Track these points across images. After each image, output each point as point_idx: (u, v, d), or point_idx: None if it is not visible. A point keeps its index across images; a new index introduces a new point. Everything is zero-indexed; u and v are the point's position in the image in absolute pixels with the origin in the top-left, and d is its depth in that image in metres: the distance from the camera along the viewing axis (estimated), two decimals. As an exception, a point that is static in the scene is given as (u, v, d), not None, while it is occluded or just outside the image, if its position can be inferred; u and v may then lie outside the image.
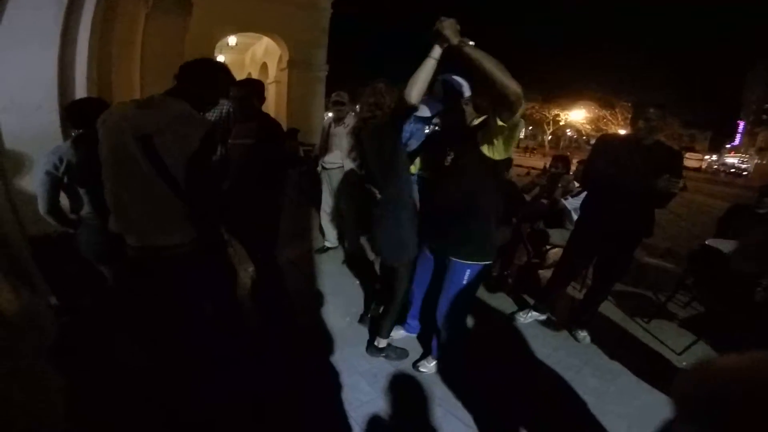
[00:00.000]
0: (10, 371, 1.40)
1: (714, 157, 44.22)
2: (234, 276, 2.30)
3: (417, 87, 1.53)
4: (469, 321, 2.76)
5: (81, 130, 1.88)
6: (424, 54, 1.52)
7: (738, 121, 48.90)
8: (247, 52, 14.96)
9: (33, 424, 1.43)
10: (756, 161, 36.76)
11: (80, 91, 2.42)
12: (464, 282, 1.91)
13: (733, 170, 35.49)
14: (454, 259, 1.90)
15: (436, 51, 1.49)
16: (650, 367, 2.38)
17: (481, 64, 1.40)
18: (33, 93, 2.30)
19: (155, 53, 4.69)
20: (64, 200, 1.90)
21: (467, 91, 1.78)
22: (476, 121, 1.82)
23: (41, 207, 1.82)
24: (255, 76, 14.63)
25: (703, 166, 36.38)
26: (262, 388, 1.95)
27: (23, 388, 1.48)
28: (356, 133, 2.09)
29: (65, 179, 1.82)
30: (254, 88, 2.32)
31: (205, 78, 1.64)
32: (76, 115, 1.89)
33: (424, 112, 1.79)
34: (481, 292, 3.19)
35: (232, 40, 11.54)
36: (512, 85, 1.41)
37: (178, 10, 4.93)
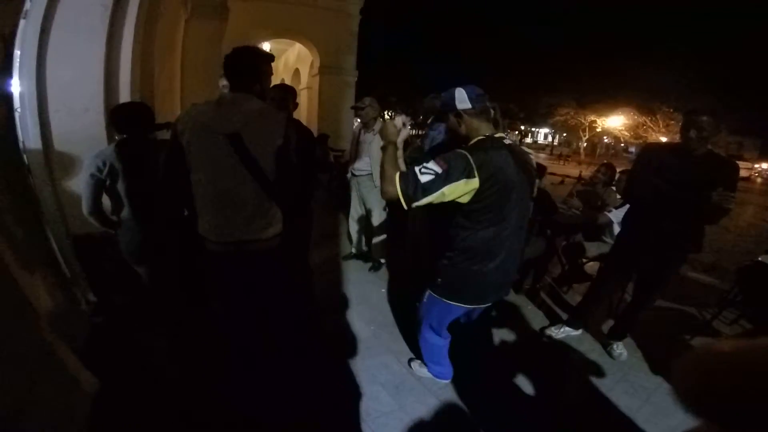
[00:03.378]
0: (41, 368, 1.46)
1: (765, 166, 41.30)
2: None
3: (387, 180, 1.52)
4: (498, 334, 2.68)
5: (124, 135, 1.97)
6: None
7: (788, 124, 45.48)
8: (280, 59, 15.34)
9: (63, 420, 1.48)
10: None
11: (124, 94, 2.51)
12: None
13: (787, 180, 32.97)
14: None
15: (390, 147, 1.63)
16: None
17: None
18: (81, 94, 2.38)
19: (194, 57, 4.88)
20: (106, 201, 1.98)
21: (461, 104, 1.60)
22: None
23: (84, 208, 1.91)
24: (288, 81, 14.97)
25: (753, 175, 34.03)
26: (281, 392, 1.95)
27: (55, 386, 1.53)
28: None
29: (108, 182, 1.90)
30: (289, 91, 2.37)
31: (259, 71, 1.66)
32: (121, 120, 1.96)
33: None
34: (511, 306, 3.09)
35: (266, 46, 11.86)
36: (383, 186, 1.55)
37: (215, 16, 5.09)
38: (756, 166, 38.38)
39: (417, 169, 1.49)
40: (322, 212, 5.45)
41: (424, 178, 1.46)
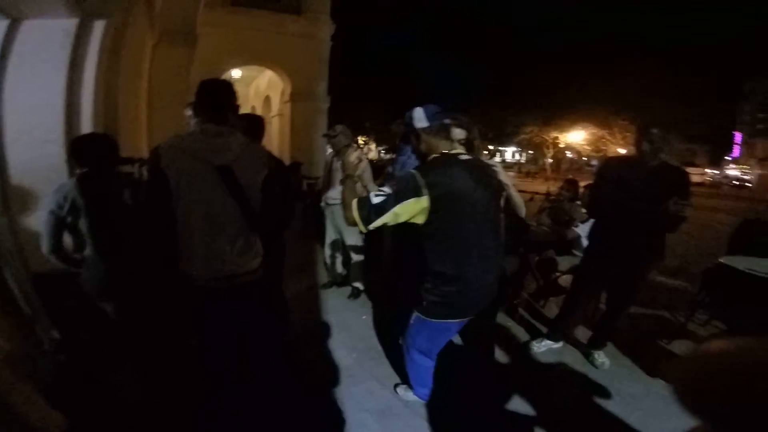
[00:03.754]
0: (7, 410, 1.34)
1: (715, 171, 44.19)
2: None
3: (347, 207, 1.65)
4: (483, 352, 2.66)
5: (86, 168, 1.87)
6: None
7: (734, 132, 49.18)
8: (251, 86, 15.33)
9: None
10: (758, 172, 36.61)
11: (86, 125, 2.39)
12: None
13: (736, 182, 35.34)
14: None
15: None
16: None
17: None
18: (41, 124, 2.26)
19: (161, 86, 4.74)
20: (68, 238, 1.87)
21: (419, 123, 1.65)
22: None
23: (44, 247, 1.79)
24: (259, 109, 14.94)
25: (705, 180, 36.28)
26: (264, 424, 1.88)
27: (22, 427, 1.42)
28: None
29: (69, 219, 1.79)
30: (257, 121, 2.33)
31: (231, 103, 1.64)
32: (82, 152, 1.87)
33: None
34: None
35: (236, 73, 11.84)
36: (344, 213, 1.71)
37: (183, 42, 5.00)
38: (707, 171, 40.93)
39: (372, 193, 1.58)
40: (297, 242, 5.38)
41: (376, 200, 1.54)
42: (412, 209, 1.53)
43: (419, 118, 1.65)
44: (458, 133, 1.79)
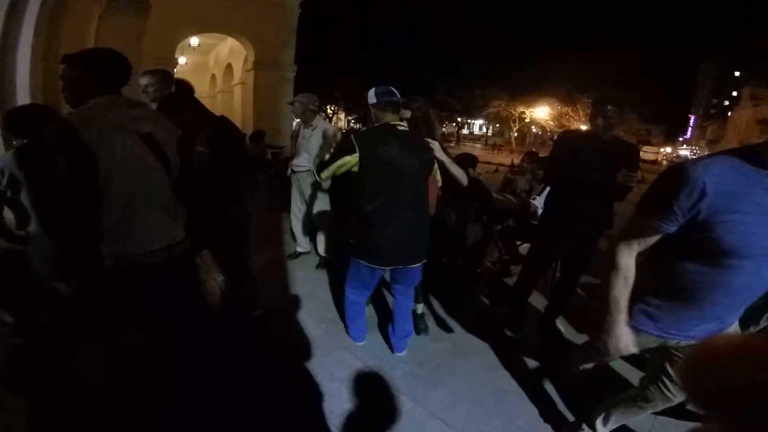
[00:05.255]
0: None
1: (669, 150, 46.77)
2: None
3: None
4: (446, 320, 2.79)
5: (25, 140, 1.75)
6: None
7: (689, 116, 52.04)
8: (210, 54, 14.49)
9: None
10: (706, 153, 39.08)
11: (23, 96, 2.22)
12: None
13: (685, 162, 37.58)
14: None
15: None
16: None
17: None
18: None
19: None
20: (10, 214, 1.75)
21: (370, 99, 2.05)
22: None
23: None
24: (219, 77, 14.22)
25: (659, 159, 38.37)
26: (236, 399, 1.89)
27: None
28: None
29: (8, 193, 1.68)
30: (188, 97, 2.19)
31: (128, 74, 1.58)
32: (18, 124, 1.76)
33: None
34: (457, 291, 3.22)
35: (194, 41, 11.16)
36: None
37: (134, 10, 4.70)
38: (661, 150, 43.23)
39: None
40: (263, 212, 5.28)
41: (326, 159, 2.05)
42: (349, 162, 1.94)
43: (371, 96, 2.03)
44: (404, 112, 2.26)
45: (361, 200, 2.01)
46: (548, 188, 3.16)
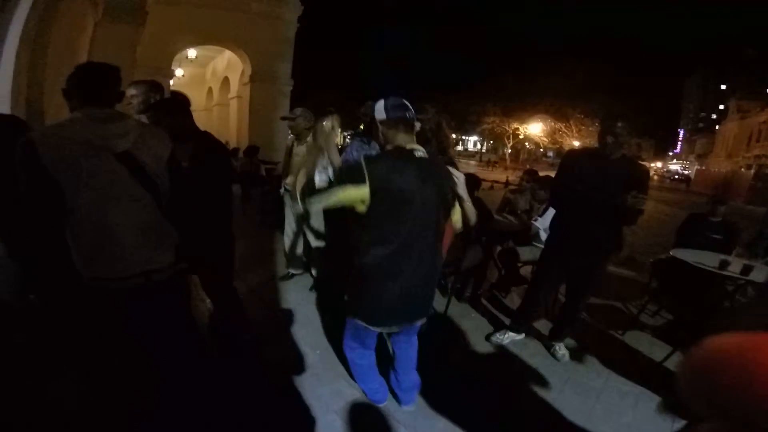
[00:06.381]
0: None
1: (659, 165, 47.55)
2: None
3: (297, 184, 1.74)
4: (446, 347, 2.68)
5: None
6: None
7: (678, 130, 53.10)
8: (208, 66, 14.52)
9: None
10: (696, 167, 39.75)
11: (3, 105, 2.10)
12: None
13: (677, 176, 38.28)
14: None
15: None
16: (632, 381, 2.36)
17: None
18: None
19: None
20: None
21: (378, 115, 1.65)
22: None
23: None
24: (216, 91, 14.22)
25: (651, 174, 38.94)
26: (227, 429, 1.78)
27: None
28: None
29: None
30: (180, 103, 2.09)
31: (117, 88, 1.52)
32: None
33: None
34: (455, 315, 3.11)
35: (191, 53, 11.15)
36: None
37: (130, 20, 4.66)
38: (652, 165, 43.99)
39: (316, 171, 1.68)
40: (255, 230, 5.15)
41: (319, 184, 1.67)
42: (353, 196, 1.52)
43: (379, 109, 1.64)
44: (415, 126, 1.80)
45: (364, 246, 1.62)
46: (550, 209, 3.09)
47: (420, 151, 1.65)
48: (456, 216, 1.85)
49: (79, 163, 1.28)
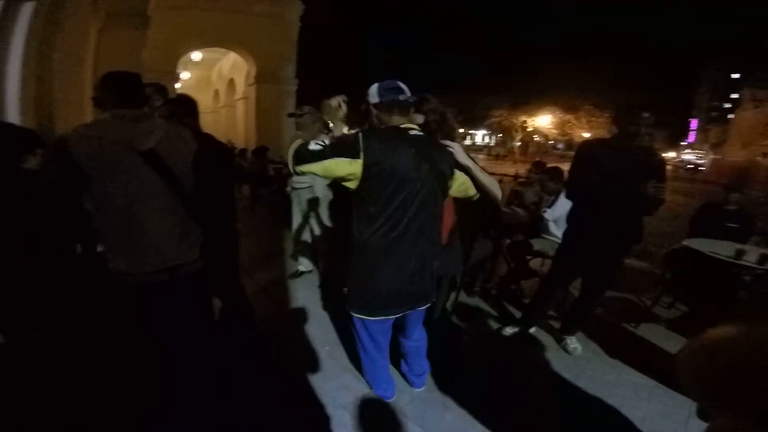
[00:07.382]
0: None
1: (673, 155, 46.67)
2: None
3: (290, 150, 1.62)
4: (455, 340, 2.66)
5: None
6: None
7: (690, 120, 52.01)
8: (213, 68, 14.62)
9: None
10: (711, 156, 38.89)
11: (13, 113, 2.14)
12: None
13: (691, 166, 37.47)
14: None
15: None
16: (646, 375, 2.32)
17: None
18: None
19: (110, 68, 4.42)
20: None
21: (372, 98, 1.63)
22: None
23: None
24: (222, 92, 14.33)
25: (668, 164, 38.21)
26: (235, 426, 1.79)
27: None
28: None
29: None
30: (186, 104, 2.10)
31: (142, 92, 1.58)
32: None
33: None
34: (464, 308, 3.09)
35: (196, 55, 11.25)
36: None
37: (133, 25, 4.72)
38: (665, 155, 43.19)
39: (312, 141, 1.56)
40: (263, 229, 5.18)
41: (312, 147, 1.53)
42: (343, 169, 1.49)
43: (372, 93, 1.63)
44: (416, 117, 1.79)
45: (357, 225, 1.62)
46: (560, 199, 3.03)
47: (415, 130, 1.64)
48: (456, 184, 1.78)
49: (107, 160, 1.36)
